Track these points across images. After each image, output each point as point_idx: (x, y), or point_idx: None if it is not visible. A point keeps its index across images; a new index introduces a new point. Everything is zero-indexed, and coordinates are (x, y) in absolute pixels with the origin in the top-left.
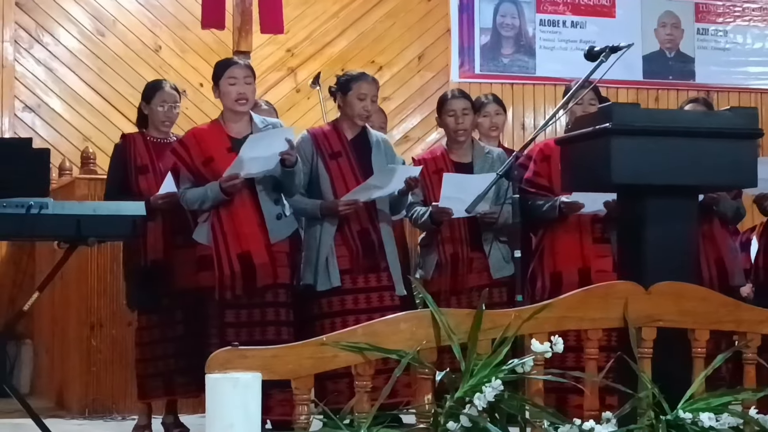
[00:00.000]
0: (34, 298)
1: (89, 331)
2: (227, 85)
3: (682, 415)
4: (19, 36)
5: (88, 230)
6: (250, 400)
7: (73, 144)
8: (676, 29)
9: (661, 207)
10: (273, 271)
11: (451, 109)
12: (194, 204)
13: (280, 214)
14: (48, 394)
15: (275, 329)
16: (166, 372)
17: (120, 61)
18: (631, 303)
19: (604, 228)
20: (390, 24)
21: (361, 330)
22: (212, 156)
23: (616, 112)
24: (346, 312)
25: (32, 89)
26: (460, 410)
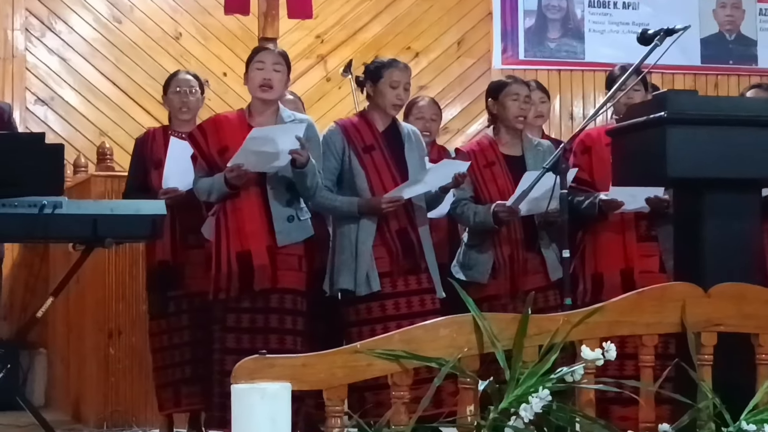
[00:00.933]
0: (48, 303)
1: (107, 338)
2: (254, 69)
3: (745, 426)
4: (31, 24)
5: (105, 231)
6: (278, 412)
7: (89, 139)
8: (737, 9)
9: (720, 202)
10: (273, 275)
11: (515, 93)
12: (203, 194)
13: (292, 216)
14: (63, 407)
15: (278, 337)
16: (174, 381)
17: (138, 49)
18: (689, 306)
19: (649, 225)
20: (427, 7)
21: (397, 336)
22: (228, 145)
23: (671, 100)
24: (387, 318)
25: (45, 81)
26: (504, 422)
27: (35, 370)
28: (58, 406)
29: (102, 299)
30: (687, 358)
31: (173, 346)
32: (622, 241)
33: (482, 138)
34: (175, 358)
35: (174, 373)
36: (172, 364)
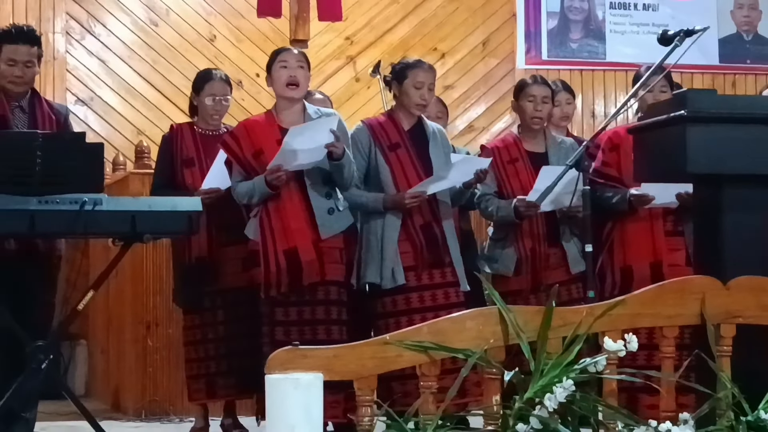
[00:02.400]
0: (89, 297)
1: (145, 330)
2: (278, 68)
3: (763, 415)
4: (71, 27)
5: (143, 226)
6: (311, 401)
7: (127, 138)
8: (754, 10)
9: (739, 197)
10: (320, 269)
11: (531, 95)
12: (244, 198)
13: (332, 209)
14: (103, 396)
15: (325, 328)
16: (207, 374)
17: (174, 51)
18: (708, 299)
19: (677, 220)
20: (453, 9)
21: (426, 328)
22: (262, 148)
23: (691, 98)
24: (412, 311)
25: (84, 82)
26: (529, 411)
27: (76, 360)
28: (98, 395)
29: (140, 293)
30: (706, 349)
31: (208, 341)
32: (651, 235)
33: (507, 135)
34: (209, 351)
35: (209, 366)
36: (206, 357)
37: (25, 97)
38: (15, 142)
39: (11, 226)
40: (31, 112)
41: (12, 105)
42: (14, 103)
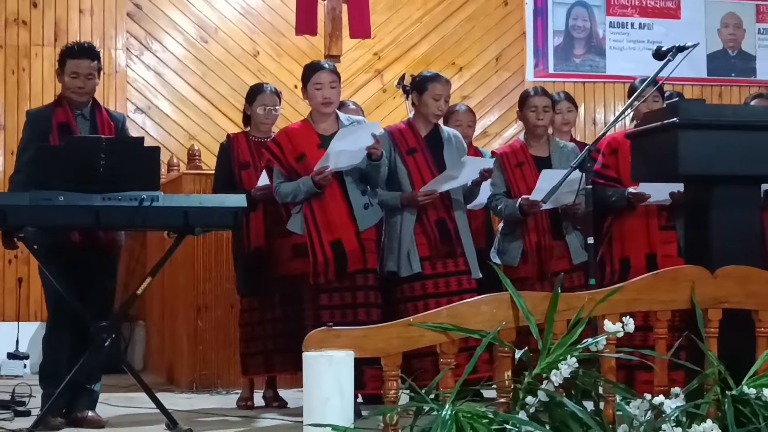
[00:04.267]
0: (147, 283)
1: (196, 313)
2: (314, 89)
3: (746, 390)
4: (131, 44)
5: (194, 221)
6: (343, 376)
7: (180, 142)
8: (738, 29)
9: (725, 195)
10: (362, 257)
11: (533, 105)
12: (287, 197)
13: (367, 204)
14: (159, 371)
15: (366, 311)
16: (265, 351)
17: (222, 65)
18: (698, 286)
19: (669, 216)
20: (470, 28)
21: (445, 312)
22: (304, 152)
23: (682, 107)
24: (427, 296)
25: (143, 92)
26: (537, 386)
27: (135, 339)
28: (155, 370)
29: (191, 279)
30: (696, 331)
31: (265, 321)
32: (646, 229)
33: (514, 142)
34: (267, 330)
35: (266, 344)
36: (263, 336)
37: (86, 106)
38: (82, 146)
39: (79, 219)
40: (92, 119)
41: (75, 113)
42: (77, 112)
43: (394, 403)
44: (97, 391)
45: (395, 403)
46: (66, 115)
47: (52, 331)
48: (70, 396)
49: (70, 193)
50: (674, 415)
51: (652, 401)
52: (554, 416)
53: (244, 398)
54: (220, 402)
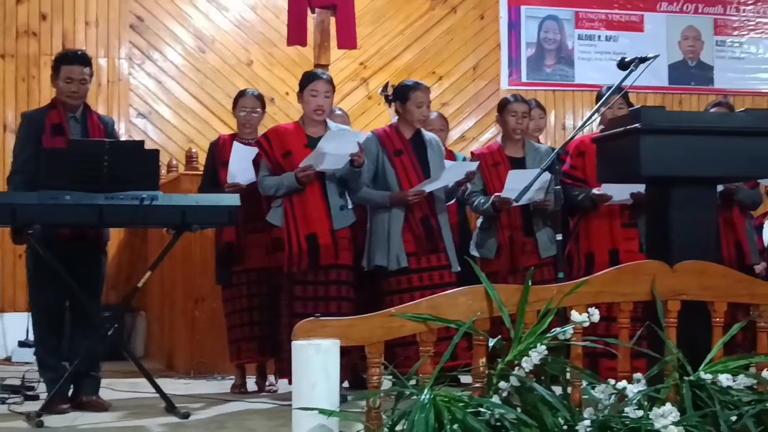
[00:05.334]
0: (147, 276)
1: (193, 304)
2: (309, 96)
3: (703, 376)
4: (133, 54)
5: (192, 218)
6: (330, 363)
7: (179, 145)
8: (697, 41)
9: (684, 196)
10: (335, 253)
11: (513, 110)
12: (270, 190)
13: (343, 206)
14: (159, 358)
15: (336, 304)
16: (235, 340)
17: (218, 73)
18: (658, 279)
19: (631, 215)
20: (448, 40)
21: (425, 303)
22: (291, 150)
23: (644, 114)
24: (412, 289)
25: (144, 99)
26: (510, 372)
27: (137, 328)
28: (155, 357)
29: (189, 273)
30: (656, 321)
31: (236, 311)
32: (610, 227)
33: (492, 144)
34: (236, 320)
35: (235, 333)
36: (237, 325)
37: (78, 110)
38: (86, 148)
39: (84, 217)
40: (83, 122)
41: (68, 116)
42: (70, 114)
43: (376, 388)
44: (100, 377)
45: (378, 388)
46: (59, 117)
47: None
48: (74, 382)
49: (76, 192)
50: (636, 399)
51: (616, 386)
52: (525, 400)
53: (238, 385)
54: (216, 387)
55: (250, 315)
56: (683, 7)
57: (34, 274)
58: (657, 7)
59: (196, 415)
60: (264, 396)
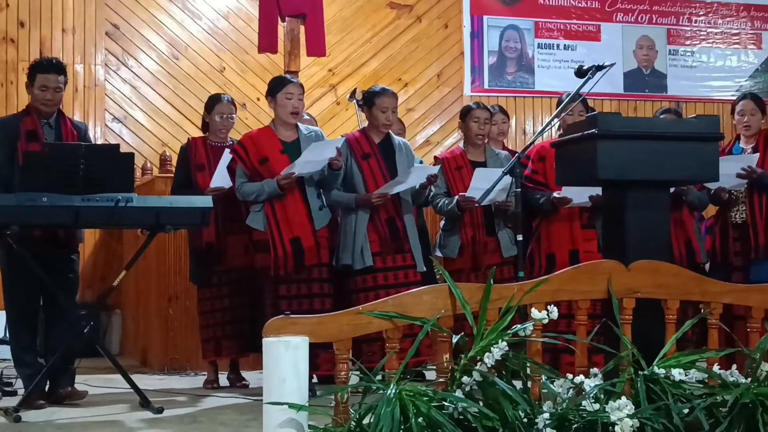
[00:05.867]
0: (122, 275)
1: (167, 302)
2: (284, 98)
3: (656, 370)
4: (109, 60)
5: (165, 220)
6: (299, 359)
7: (153, 149)
8: (651, 50)
9: (639, 198)
10: (317, 253)
11: (476, 117)
12: (250, 196)
13: (321, 206)
14: (134, 354)
15: (320, 300)
16: (215, 337)
17: (191, 79)
18: (614, 278)
19: (590, 216)
20: (414, 48)
21: (391, 301)
22: (267, 156)
23: (601, 120)
24: (378, 287)
25: (119, 104)
26: (472, 367)
27: (112, 326)
28: (130, 354)
29: (163, 272)
30: (612, 318)
31: (216, 310)
32: (569, 228)
33: (455, 148)
34: (217, 318)
35: (215, 330)
36: (215, 324)
37: (52, 116)
38: (63, 152)
39: (60, 218)
40: (56, 127)
41: (42, 122)
42: (44, 121)
43: (344, 383)
44: (74, 369)
45: (346, 383)
46: (33, 123)
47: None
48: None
49: (53, 194)
50: (593, 392)
51: (574, 381)
52: (487, 394)
53: (210, 380)
54: (189, 383)
55: (232, 313)
56: (638, 17)
57: (8, 274)
58: (613, 17)
59: (169, 410)
60: (236, 391)
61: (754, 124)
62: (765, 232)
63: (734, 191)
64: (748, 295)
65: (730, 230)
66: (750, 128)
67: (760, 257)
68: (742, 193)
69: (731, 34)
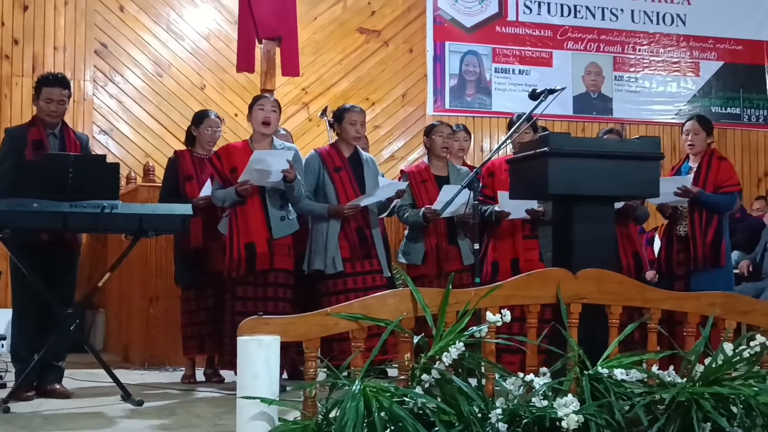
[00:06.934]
0: (106, 277)
1: (148, 302)
2: (257, 110)
3: (601, 370)
4: (97, 76)
5: (148, 225)
6: (271, 357)
7: (137, 159)
8: (599, 76)
9: (585, 212)
10: (270, 259)
11: (440, 132)
12: (219, 202)
13: (284, 217)
14: (116, 351)
15: (273, 304)
16: (200, 335)
17: (174, 96)
18: (562, 285)
19: (532, 228)
20: (381, 70)
21: (357, 304)
22: (236, 167)
23: (551, 139)
24: (347, 290)
25: (107, 117)
26: (431, 366)
27: (96, 324)
28: (113, 350)
29: (145, 274)
30: (560, 322)
31: (201, 309)
32: (512, 239)
33: (420, 163)
34: (201, 317)
35: (200, 328)
36: (199, 322)
37: (57, 127)
38: (53, 161)
39: (50, 223)
40: (61, 138)
41: (47, 132)
42: (49, 131)
43: (313, 379)
44: (63, 367)
45: (314, 379)
46: (39, 133)
47: (18, 318)
48: (40, 372)
49: (43, 200)
50: (542, 390)
51: (524, 379)
52: (445, 391)
53: (188, 375)
54: (168, 378)
55: (215, 312)
56: (587, 46)
57: (15, 275)
58: (564, 45)
59: (149, 403)
60: (211, 386)
61: (697, 143)
62: (703, 244)
63: (680, 206)
64: (684, 302)
65: (674, 242)
66: (694, 147)
67: (699, 268)
68: (686, 208)
69: (672, 63)
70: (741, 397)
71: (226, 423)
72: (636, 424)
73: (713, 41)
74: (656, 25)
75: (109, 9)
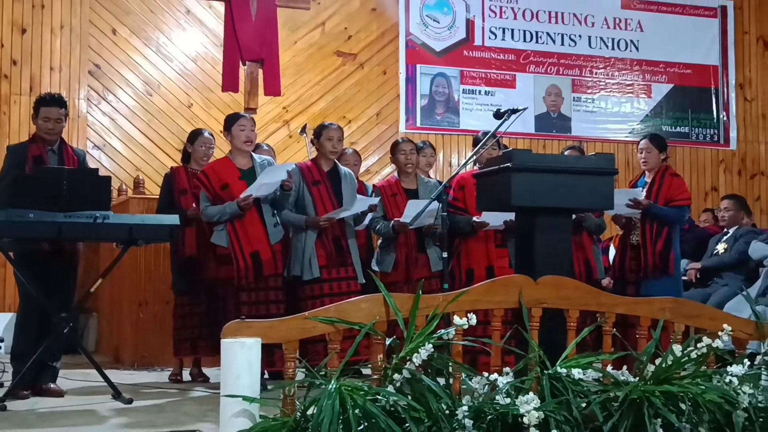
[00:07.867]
0: (99, 283)
1: (138, 307)
2: (238, 130)
3: (559, 370)
4: (91, 95)
5: (137, 235)
6: (252, 358)
7: (128, 173)
8: (559, 97)
9: (546, 223)
10: (274, 264)
11: (402, 149)
12: (214, 217)
13: (276, 223)
14: (108, 352)
15: (276, 306)
16: (192, 337)
17: (163, 113)
18: (524, 290)
19: (504, 237)
20: (356, 90)
21: (333, 308)
22: (228, 183)
23: (515, 155)
24: (323, 295)
25: (99, 133)
26: (402, 366)
27: (89, 327)
28: (104, 351)
29: (135, 281)
30: (523, 325)
31: (194, 314)
32: (485, 247)
33: (391, 177)
34: (194, 321)
35: (193, 331)
36: (191, 326)
37: (55, 144)
38: (48, 174)
39: (45, 233)
40: (59, 154)
41: (47, 149)
42: (48, 147)
43: (292, 378)
44: (58, 368)
45: (293, 378)
46: (39, 150)
47: (22, 320)
48: (35, 372)
49: (39, 211)
50: (505, 389)
51: (489, 378)
52: (415, 389)
53: (175, 374)
54: (157, 377)
55: (207, 317)
56: (548, 69)
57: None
58: (526, 68)
59: (138, 401)
60: (197, 385)
61: (650, 160)
62: (653, 253)
63: (634, 217)
64: (636, 306)
65: (627, 250)
66: (647, 163)
67: (648, 275)
68: (639, 219)
69: (626, 85)
70: (689, 395)
71: (211, 419)
72: (592, 420)
73: (664, 65)
74: (611, 50)
75: (103, 32)
